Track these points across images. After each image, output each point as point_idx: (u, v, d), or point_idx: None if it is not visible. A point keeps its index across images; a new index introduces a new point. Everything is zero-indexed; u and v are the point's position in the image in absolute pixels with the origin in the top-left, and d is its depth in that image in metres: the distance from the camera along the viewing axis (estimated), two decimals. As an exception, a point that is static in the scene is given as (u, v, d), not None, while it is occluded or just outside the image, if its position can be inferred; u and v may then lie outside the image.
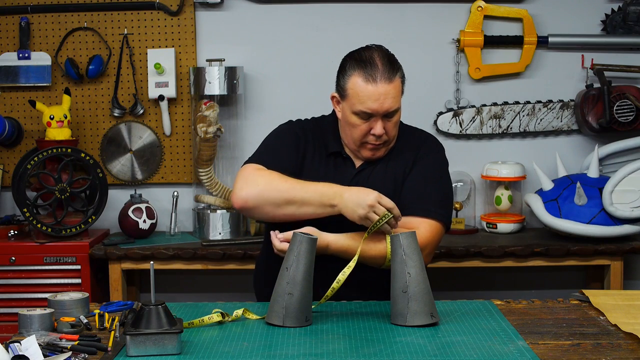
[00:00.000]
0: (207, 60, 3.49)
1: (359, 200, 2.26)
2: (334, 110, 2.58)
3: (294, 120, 2.65)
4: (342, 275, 2.21)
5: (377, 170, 2.52)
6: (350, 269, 2.22)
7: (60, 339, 1.99)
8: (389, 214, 2.25)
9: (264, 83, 3.62)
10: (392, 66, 2.41)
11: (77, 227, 3.33)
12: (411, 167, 2.51)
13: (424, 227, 2.39)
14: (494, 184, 3.59)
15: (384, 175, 2.50)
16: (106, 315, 2.19)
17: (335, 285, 2.21)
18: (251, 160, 2.50)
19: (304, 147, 2.53)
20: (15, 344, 1.86)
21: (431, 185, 2.47)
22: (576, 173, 3.49)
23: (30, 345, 1.84)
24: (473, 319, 2.19)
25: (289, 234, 2.25)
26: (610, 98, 3.43)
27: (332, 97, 2.52)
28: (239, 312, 2.19)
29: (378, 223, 2.25)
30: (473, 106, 3.61)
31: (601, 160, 3.46)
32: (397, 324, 2.14)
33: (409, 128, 2.62)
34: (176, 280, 3.70)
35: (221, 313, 2.16)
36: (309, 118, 2.66)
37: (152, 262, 2.00)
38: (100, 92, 3.61)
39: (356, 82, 2.39)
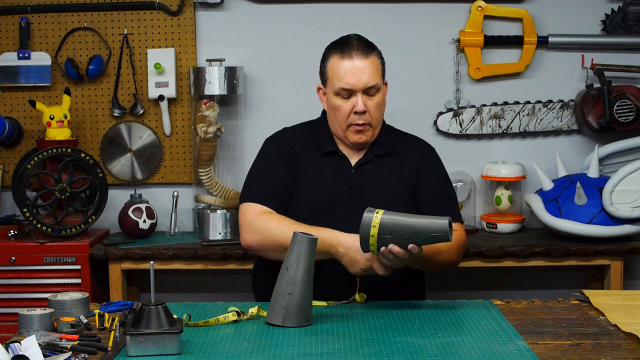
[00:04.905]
0: (207, 60, 3.48)
1: (352, 262, 2.32)
2: (323, 112, 2.63)
3: (280, 129, 2.69)
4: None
5: (382, 169, 2.54)
6: None
7: (60, 339, 1.99)
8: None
9: (264, 83, 3.62)
10: (367, 45, 2.51)
11: (77, 227, 3.33)
12: (422, 174, 2.57)
13: (461, 230, 2.54)
14: (494, 184, 3.59)
15: (397, 175, 2.55)
16: (106, 315, 2.19)
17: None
18: (248, 196, 2.53)
19: (294, 152, 2.57)
20: (15, 344, 1.86)
21: (448, 190, 2.63)
22: (576, 173, 3.49)
23: (30, 345, 1.84)
24: (473, 319, 2.19)
25: None
26: (610, 98, 3.42)
27: (318, 89, 2.60)
28: (253, 310, 2.20)
29: (373, 238, 2.18)
30: (473, 106, 3.61)
31: (601, 160, 3.46)
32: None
33: (397, 130, 2.68)
34: (176, 280, 3.70)
35: (237, 312, 2.16)
36: (298, 124, 2.70)
37: (152, 262, 2.00)
38: (100, 92, 3.61)
39: (334, 61, 2.49)
